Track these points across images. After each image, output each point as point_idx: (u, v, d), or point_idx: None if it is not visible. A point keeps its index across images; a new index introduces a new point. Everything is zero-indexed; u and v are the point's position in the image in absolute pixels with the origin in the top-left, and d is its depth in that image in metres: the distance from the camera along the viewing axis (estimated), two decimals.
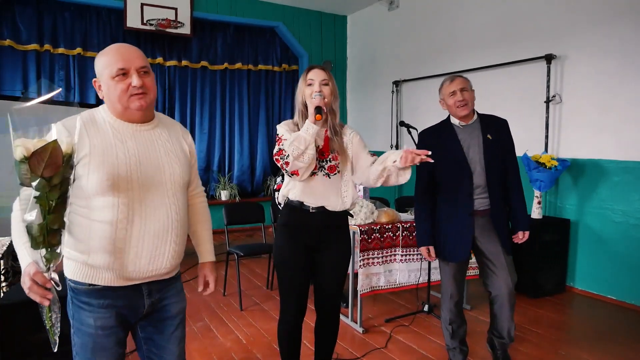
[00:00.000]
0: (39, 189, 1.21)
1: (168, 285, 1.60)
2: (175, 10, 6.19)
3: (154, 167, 1.49)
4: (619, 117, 3.98)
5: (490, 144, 2.44)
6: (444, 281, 2.65)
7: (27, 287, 1.27)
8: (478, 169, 2.43)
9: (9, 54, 5.65)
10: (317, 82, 2.11)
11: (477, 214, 2.46)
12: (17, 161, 1.20)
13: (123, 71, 1.43)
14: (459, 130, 2.49)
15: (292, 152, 1.97)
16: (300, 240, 2.18)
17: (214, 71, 6.96)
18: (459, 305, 2.66)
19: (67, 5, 5.92)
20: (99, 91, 1.48)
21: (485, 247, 2.51)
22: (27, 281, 1.27)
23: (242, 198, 7.02)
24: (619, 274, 4.01)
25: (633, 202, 3.92)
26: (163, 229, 1.48)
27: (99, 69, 1.46)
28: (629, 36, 3.89)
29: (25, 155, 1.18)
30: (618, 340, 3.26)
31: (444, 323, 2.69)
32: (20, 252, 1.34)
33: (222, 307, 3.86)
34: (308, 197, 2.14)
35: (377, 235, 3.38)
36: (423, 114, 6.10)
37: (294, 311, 2.24)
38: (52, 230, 1.24)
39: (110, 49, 1.49)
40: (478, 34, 5.29)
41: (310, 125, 1.99)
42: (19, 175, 1.21)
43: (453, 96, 2.44)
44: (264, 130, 7.40)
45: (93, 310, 1.44)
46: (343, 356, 2.97)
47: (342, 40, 7.78)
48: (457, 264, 2.55)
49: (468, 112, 2.45)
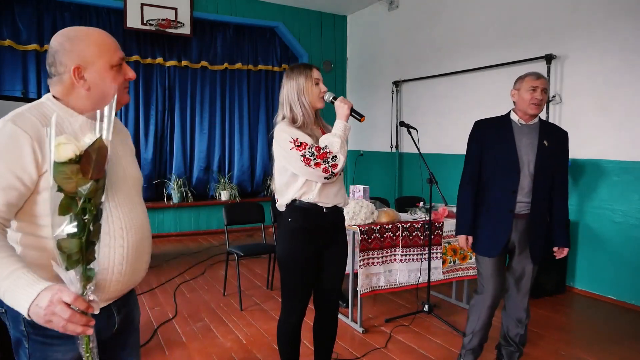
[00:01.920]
0: (89, 194, 1.02)
1: (128, 296, 1.40)
2: (175, 10, 6.20)
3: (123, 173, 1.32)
4: (619, 118, 3.98)
5: (545, 150, 2.40)
6: (480, 279, 2.58)
7: (64, 319, 1.01)
8: (526, 170, 2.39)
9: (8, 54, 5.66)
10: (321, 82, 2.16)
11: (517, 217, 2.42)
12: (60, 163, 1.00)
13: (123, 60, 1.28)
14: (517, 128, 2.44)
15: (344, 154, 2.05)
16: (313, 242, 2.16)
17: (214, 71, 6.97)
18: (492, 310, 2.57)
19: (67, 5, 5.92)
20: (78, 81, 1.21)
21: (516, 250, 2.49)
22: (64, 311, 1.00)
23: (242, 198, 7.02)
24: (619, 274, 4.01)
25: (633, 202, 3.92)
26: (141, 238, 1.32)
27: (87, 54, 1.21)
28: (629, 37, 3.89)
29: (77, 155, 1.00)
30: (618, 341, 3.26)
31: (469, 328, 2.62)
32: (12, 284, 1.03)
33: (222, 307, 3.86)
34: (325, 198, 2.13)
35: (377, 236, 3.37)
36: (423, 114, 6.11)
37: (299, 312, 2.23)
38: (90, 243, 1.06)
39: (98, 33, 1.26)
40: (478, 34, 5.30)
41: (347, 126, 2.11)
42: (60, 179, 1.00)
43: (533, 92, 2.37)
44: (264, 131, 7.40)
45: (62, 344, 1.20)
46: (343, 356, 2.97)
47: (342, 41, 7.78)
48: (495, 259, 2.48)
49: (538, 112, 2.41)
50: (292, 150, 2.02)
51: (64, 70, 1.21)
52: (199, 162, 6.98)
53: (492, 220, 2.46)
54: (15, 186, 1.11)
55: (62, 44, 1.21)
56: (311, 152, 2.01)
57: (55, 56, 1.21)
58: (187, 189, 6.80)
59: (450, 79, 5.71)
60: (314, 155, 2.01)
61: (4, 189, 1.10)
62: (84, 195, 1.02)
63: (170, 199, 6.66)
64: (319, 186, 2.09)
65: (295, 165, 2.04)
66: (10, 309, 1.15)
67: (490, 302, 2.54)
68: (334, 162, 2.02)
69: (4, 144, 1.11)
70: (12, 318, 1.22)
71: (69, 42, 1.21)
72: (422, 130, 4.32)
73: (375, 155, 7.06)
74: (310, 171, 2.02)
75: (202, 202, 6.90)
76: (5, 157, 1.10)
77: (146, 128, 6.57)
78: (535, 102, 2.35)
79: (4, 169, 1.10)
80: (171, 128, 6.77)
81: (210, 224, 6.93)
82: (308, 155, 2.00)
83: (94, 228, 1.06)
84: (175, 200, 6.66)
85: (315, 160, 2.00)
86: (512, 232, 2.43)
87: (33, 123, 1.14)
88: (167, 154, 6.79)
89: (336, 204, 2.19)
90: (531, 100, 2.36)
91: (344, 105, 2.11)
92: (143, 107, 6.52)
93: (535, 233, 2.44)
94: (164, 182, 6.69)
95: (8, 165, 1.10)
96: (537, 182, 2.38)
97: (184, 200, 6.74)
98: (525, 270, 2.50)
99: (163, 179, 6.70)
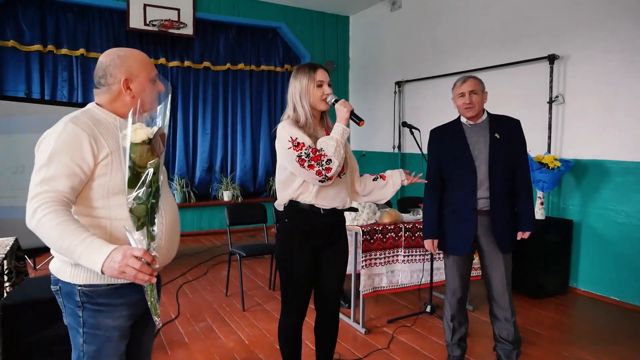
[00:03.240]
0: (155, 169, 1.31)
1: (159, 279, 1.61)
2: (177, 11, 6.21)
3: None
4: (622, 118, 3.97)
5: (497, 142, 2.48)
6: (447, 277, 2.68)
7: (136, 269, 1.25)
8: (482, 166, 2.47)
9: (12, 54, 5.68)
10: (325, 84, 2.11)
11: (480, 213, 2.50)
12: (136, 143, 1.29)
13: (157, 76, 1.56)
14: (467, 129, 2.56)
15: (339, 158, 2.00)
16: (309, 243, 2.16)
17: (217, 72, 6.98)
18: (462, 303, 2.68)
19: (70, 6, 5.94)
20: (125, 90, 1.49)
21: (484, 247, 2.56)
22: (135, 262, 1.25)
23: (244, 198, 7.03)
24: (622, 275, 4.00)
25: (636, 203, 3.91)
26: (174, 219, 1.57)
27: (134, 69, 1.50)
28: (631, 36, 3.88)
29: (149, 137, 1.30)
30: (621, 342, 3.25)
31: (446, 320, 2.72)
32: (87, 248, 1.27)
33: (224, 307, 3.86)
34: (322, 200, 2.12)
35: (379, 236, 3.37)
36: (425, 114, 6.11)
37: (298, 312, 2.23)
38: (153, 210, 1.33)
39: (139, 53, 1.55)
40: (480, 34, 5.29)
41: (345, 129, 2.05)
42: (135, 157, 1.29)
43: (461, 98, 2.52)
44: (266, 131, 7.41)
45: (112, 310, 1.45)
46: (345, 357, 2.97)
47: (345, 41, 7.78)
48: (459, 258, 2.59)
49: (473, 115, 2.52)
50: (289, 150, 2.02)
51: (114, 81, 1.49)
52: (202, 163, 6.99)
53: (458, 219, 2.54)
54: (77, 173, 1.37)
55: (113, 60, 1.49)
56: (307, 154, 1.99)
57: (106, 70, 1.49)
58: (190, 189, 6.81)
59: (453, 79, 5.62)
60: (308, 156, 1.99)
61: (69, 176, 1.36)
62: (153, 168, 1.30)
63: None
64: (315, 187, 2.09)
65: (291, 165, 2.04)
66: (64, 285, 1.45)
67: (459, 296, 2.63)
68: (327, 165, 1.98)
69: (68, 140, 1.37)
70: (66, 293, 1.46)
71: (119, 59, 1.49)
72: (425, 130, 4.30)
73: (377, 155, 7.06)
74: (305, 172, 2.01)
75: (205, 202, 6.91)
76: (69, 150, 1.36)
77: None
78: (466, 106, 2.50)
79: (69, 160, 1.36)
80: (174, 128, 6.78)
81: (213, 224, 6.94)
82: (303, 157, 1.99)
83: (156, 197, 1.33)
84: (178, 201, 6.67)
85: (309, 162, 1.98)
86: (477, 230, 2.51)
87: (87, 123, 1.41)
88: (169, 154, 6.80)
89: (335, 207, 2.16)
90: (462, 106, 2.52)
91: (343, 108, 2.08)
92: None
93: (499, 226, 2.49)
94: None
95: (72, 157, 1.36)
96: (494, 176, 2.46)
97: (187, 201, 6.75)
98: (496, 263, 2.53)
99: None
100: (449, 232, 2.58)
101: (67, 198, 1.35)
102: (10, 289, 2.76)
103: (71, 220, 1.31)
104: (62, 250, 1.30)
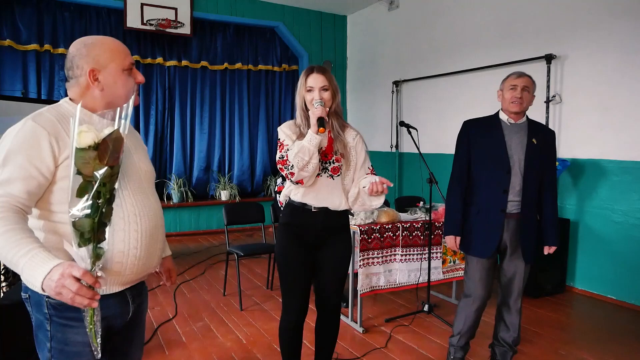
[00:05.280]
0: (104, 179, 1.15)
1: (142, 287, 1.53)
2: (175, 10, 6.20)
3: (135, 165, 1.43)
4: (619, 117, 3.98)
5: (534, 148, 2.40)
6: (467, 283, 2.56)
7: (72, 291, 1.09)
8: (517, 169, 2.39)
9: (8, 54, 5.66)
10: (316, 90, 2.07)
11: (508, 216, 2.42)
12: (81, 148, 1.14)
13: (133, 65, 1.39)
14: (506, 127, 2.45)
15: (297, 164, 1.98)
16: (301, 239, 2.19)
17: (214, 71, 6.97)
18: (479, 313, 2.57)
19: (67, 5, 5.92)
20: (93, 82, 1.33)
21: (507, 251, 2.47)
22: (72, 284, 1.09)
23: (242, 198, 7.02)
24: (619, 274, 4.01)
25: (633, 202, 3.92)
26: (154, 225, 1.42)
27: (102, 58, 1.34)
28: (628, 36, 3.89)
29: (95, 142, 1.14)
30: (618, 340, 3.26)
31: (456, 328, 2.62)
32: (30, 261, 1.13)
33: (222, 307, 3.86)
34: (311, 199, 2.15)
35: (377, 235, 3.38)
36: (423, 114, 6.11)
37: (296, 310, 2.24)
38: (102, 224, 1.18)
39: (111, 40, 1.39)
40: (478, 34, 5.30)
41: (313, 136, 1.97)
42: (79, 164, 1.14)
43: (512, 90, 2.41)
44: (264, 130, 7.41)
45: (82, 326, 1.26)
46: (343, 356, 2.97)
47: (342, 40, 7.78)
48: (484, 262, 2.47)
49: (519, 110, 2.41)
50: (278, 148, 2.14)
51: (81, 73, 1.34)
52: (199, 162, 6.98)
53: (483, 220, 2.44)
54: (35, 176, 1.23)
55: (79, 50, 1.34)
56: (282, 156, 2.08)
57: (73, 61, 1.34)
58: (187, 188, 6.80)
59: (451, 78, 5.71)
60: (282, 158, 2.08)
61: (25, 179, 1.22)
62: (99, 179, 1.15)
63: (170, 199, 6.66)
64: (302, 188, 2.14)
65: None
66: (33, 294, 1.31)
67: (478, 305, 2.54)
68: (290, 170, 2.02)
69: (25, 139, 1.24)
70: (35, 302, 1.32)
71: (85, 48, 1.34)
72: (422, 130, 4.32)
73: (375, 155, 7.06)
74: (284, 175, 2.09)
75: (202, 202, 6.90)
76: (26, 150, 1.23)
77: (146, 128, 6.57)
78: (514, 100, 2.39)
79: (25, 161, 1.22)
80: (171, 128, 6.77)
81: (210, 223, 6.93)
82: (279, 157, 2.10)
83: (106, 210, 1.19)
84: (175, 200, 6.66)
85: (280, 165, 2.08)
86: (504, 232, 2.43)
87: (50, 120, 1.27)
88: (167, 153, 6.79)
89: (326, 206, 2.16)
90: (511, 99, 2.40)
91: (312, 115, 2.00)
92: (143, 107, 6.52)
93: (526, 232, 2.43)
94: (164, 182, 6.69)
95: (28, 158, 1.23)
96: (527, 181, 2.39)
97: (184, 200, 6.74)
98: (517, 271, 2.48)
99: (163, 179, 6.69)
100: (473, 233, 2.47)
101: (21, 203, 1.21)
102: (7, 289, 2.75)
103: (19, 229, 1.16)
104: (7, 261, 1.16)
